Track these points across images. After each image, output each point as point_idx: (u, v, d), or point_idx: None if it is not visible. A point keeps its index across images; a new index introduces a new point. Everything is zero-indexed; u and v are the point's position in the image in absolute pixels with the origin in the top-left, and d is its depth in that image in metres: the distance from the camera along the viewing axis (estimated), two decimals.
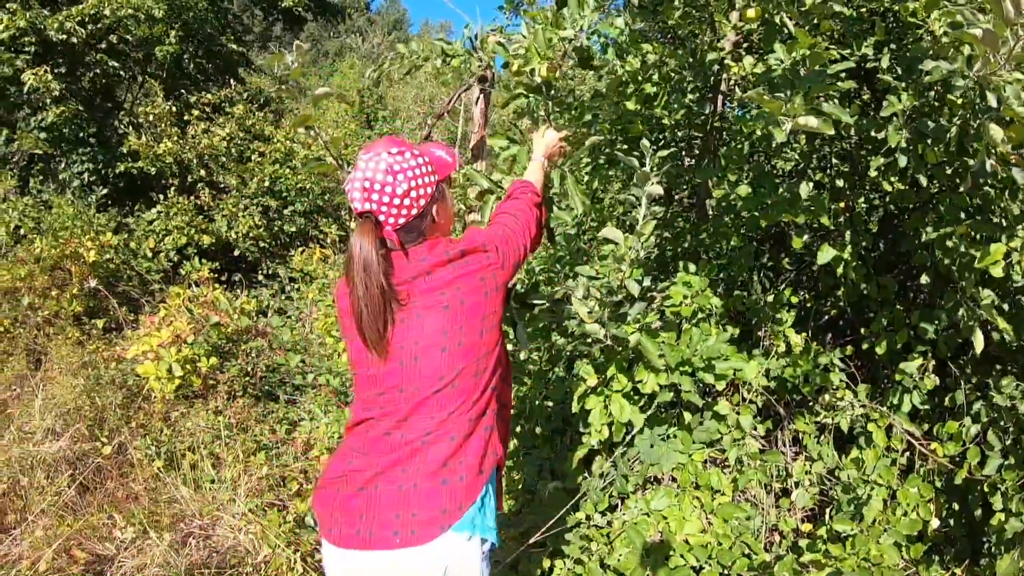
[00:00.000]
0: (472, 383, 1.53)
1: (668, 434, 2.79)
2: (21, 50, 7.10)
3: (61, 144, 7.39)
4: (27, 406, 3.67)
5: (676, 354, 2.68)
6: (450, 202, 1.68)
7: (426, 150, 1.63)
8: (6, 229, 5.81)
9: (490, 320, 1.58)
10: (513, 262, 1.68)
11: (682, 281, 3.07)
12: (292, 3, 9.72)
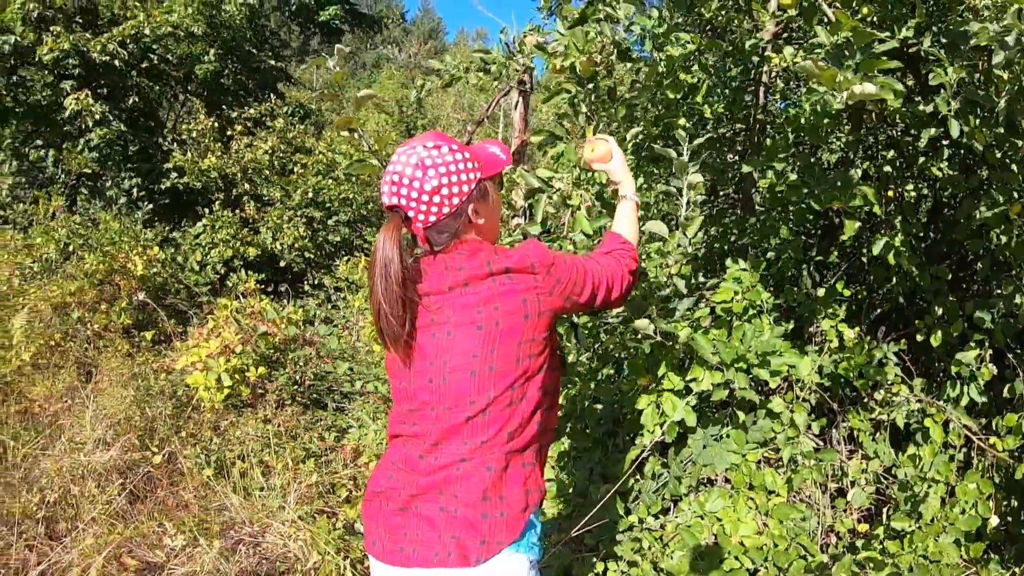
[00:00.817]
0: (506, 413, 1.44)
1: (721, 434, 2.76)
2: (65, 72, 7.38)
3: (107, 163, 7.65)
4: (78, 417, 3.79)
5: (730, 350, 2.64)
6: (495, 203, 1.57)
7: (474, 146, 1.57)
8: (55, 246, 6.03)
9: (529, 347, 1.45)
10: (566, 294, 1.53)
11: (732, 276, 3.04)
12: (328, 16, 9.91)
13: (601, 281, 1.62)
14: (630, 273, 1.73)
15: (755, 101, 3.17)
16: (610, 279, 1.66)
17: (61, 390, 4.11)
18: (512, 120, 4.26)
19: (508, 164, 1.59)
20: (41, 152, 7.59)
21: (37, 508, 2.94)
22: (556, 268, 1.51)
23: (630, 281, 1.73)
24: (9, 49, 7.11)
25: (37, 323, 4.79)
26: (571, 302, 1.55)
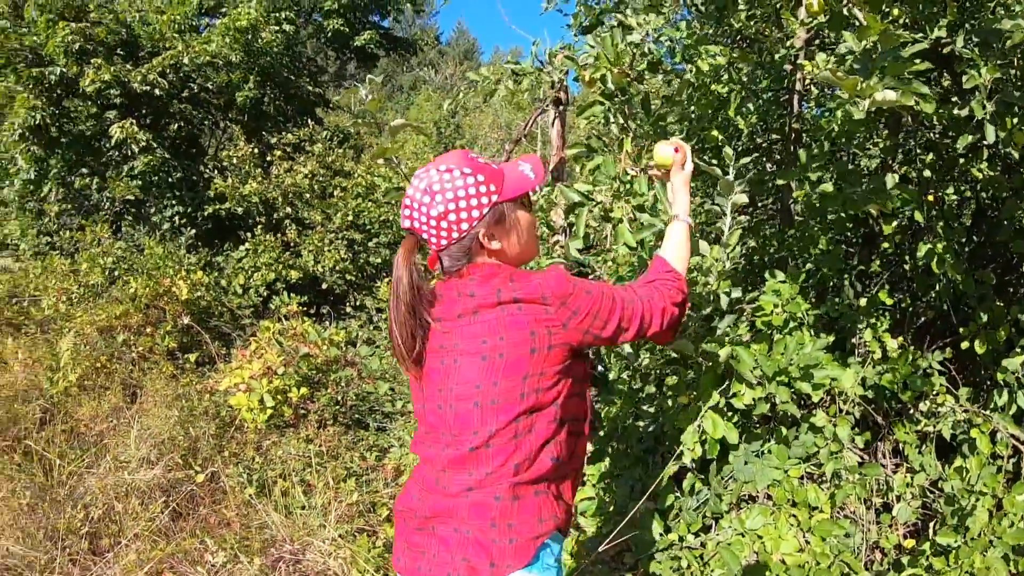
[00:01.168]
0: (511, 445, 1.41)
1: (763, 450, 2.72)
2: (108, 102, 7.67)
3: (151, 190, 7.90)
4: (123, 437, 3.90)
5: (772, 364, 2.61)
6: (519, 225, 1.52)
7: (494, 167, 1.51)
8: (101, 271, 6.23)
9: (536, 381, 1.41)
10: (585, 328, 1.45)
11: (771, 289, 3.01)
12: (363, 41, 10.13)
13: (634, 315, 1.53)
14: (674, 305, 1.61)
15: (789, 110, 3.15)
16: (647, 312, 1.55)
17: (107, 410, 4.24)
18: (550, 138, 4.29)
19: (537, 183, 1.53)
20: (87, 180, 7.86)
21: (81, 524, 3.03)
22: (573, 299, 1.44)
23: (674, 315, 1.60)
24: (55, 80, 7.41)
25: (84, 346, 4.95)
26: (591, 336, 1.47)
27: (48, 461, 3.41)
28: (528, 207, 1.56)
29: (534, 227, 1.58)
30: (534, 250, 1.59)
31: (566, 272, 1.48)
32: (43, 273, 6.19)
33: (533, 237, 1.57)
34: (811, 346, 2.66)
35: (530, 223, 1.56)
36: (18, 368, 4.48)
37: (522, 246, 1.54)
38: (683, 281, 1.67)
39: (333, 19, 9.82)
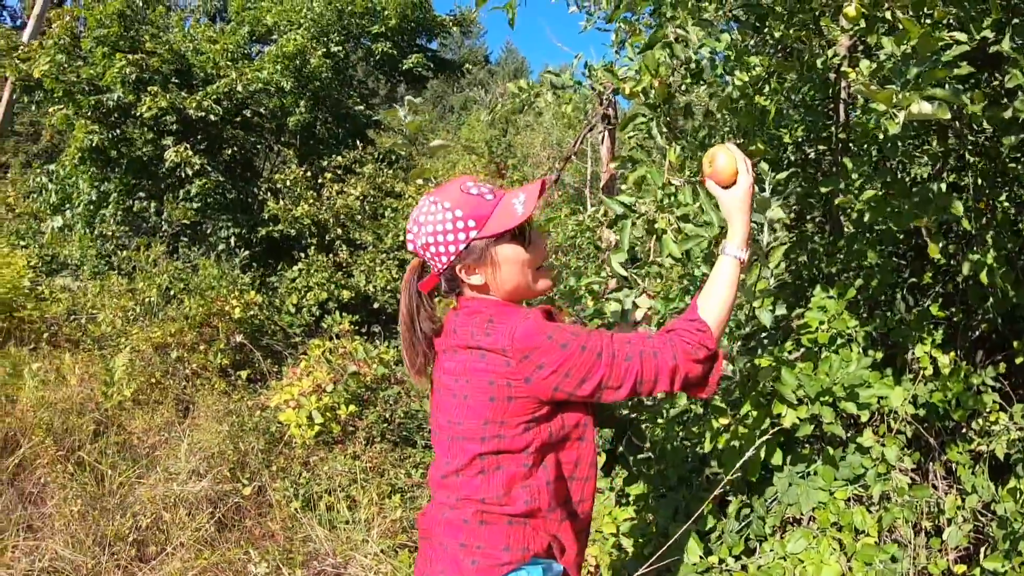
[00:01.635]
0: (477, 479, 1.45)
1: (809, 471, 2.66)
2: (164, 128, 8.02)
3: (206, 212, 8.19)
4: (173, 449, 4.03)
5: (815, 384, 2.56)
6: (503, 261, 1.48)
7: (485, 199, 1.47)
8: (157, 290, 6.48)
9: (496, 428, 1.42)
10: (555, 384, 1.39)
11: (817, 305, 2.96)
12: (411, 64, 10.36)
13: (626, 372, 1.42)
14: (695, 362, 1.45)
15: (835, 119, 3.10)
16: (648, 370, 1.43)
17: (159, 424, 4.39)
18: (600, 155, 4.30)
19: (523, 219, 1.46)
20: (144, 203, 8.20)
21: (129, 532, 3.17)
22: (538, 354, 1.38)
23: (692, 373, 1.46)
24: (113, 105, 7.79)
25: (138, 362, 5.13)
26: (564, 393, 1.41)
27: (100, 471, 3.56)
28: (522, 241, 1.49)
29: (528, 263, 1.50)
30: (528, 286, 1.52)
31: (542, 321, 1.42)
32: (101, 292, 6.46)
33: (525, 273, 1.50)
34: (856, 364, 2.61)
35: (520, 259, 1.49)
36: (75, 382, 4.68)
37: (510, 282, 1.50)
38: (709, 334, 1.48)
39: (381, 43, 10.08)
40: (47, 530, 3.09)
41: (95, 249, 7.89)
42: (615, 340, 1.44)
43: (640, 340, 1.46)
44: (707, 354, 1.47)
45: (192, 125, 8.18)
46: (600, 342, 1.42)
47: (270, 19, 9.55)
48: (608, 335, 1.45)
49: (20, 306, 5.94)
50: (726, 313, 1.52)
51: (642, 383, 1.43)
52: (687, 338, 1.46)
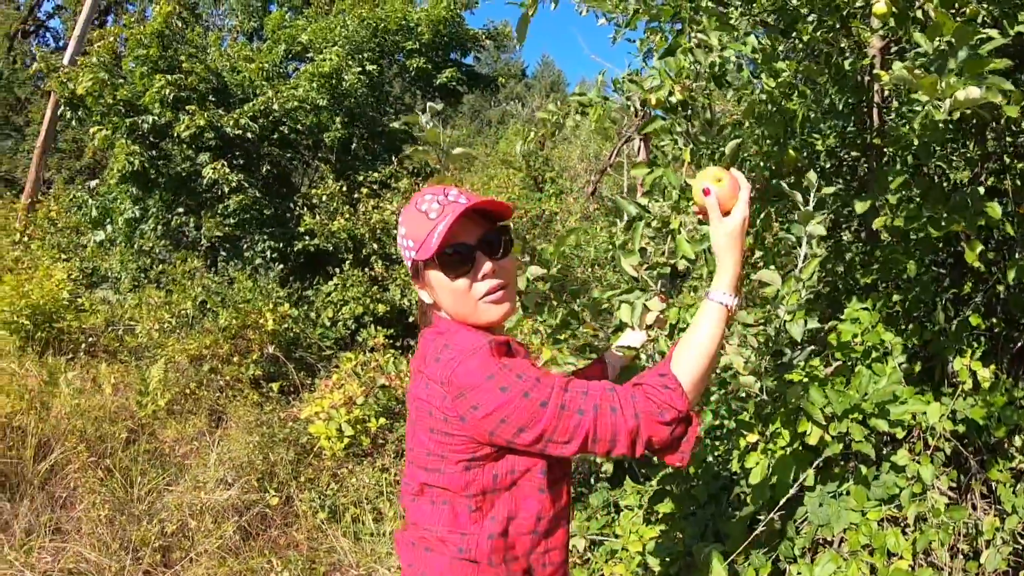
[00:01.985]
0: (428, 509, 1.39)
1: (841, 491, 2.57)
2: (203, 146, 8.22)
3: (243, 227, 8.34)
4: (203, 458, 4.10)
5: (844, 400, 2.48)
6: (439, 287, 1.40)
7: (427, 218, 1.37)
8: (192, 303, 6.61)
9: (436, 461, 1.35)
10: (490, 429, 1.28)
11: (850, 317, 2.88)
12: (445, 79, 10.46)
13: (577, 428, 1.27)
14: (661, 424, 1.28)
15: (869, 124, 3.02)
16: (602, 429, 1.27)
17: (192, 433, 4.46)
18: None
19: (430, 255, 1.34)
20: (183, 218, 8.39)
21: (155, 537, 3.21)
22: (475, 394, 1.26)
23: (654, 437, 1.29)
24: (148, 127, 8.01)
25: (173, 373, 5.23)
26: (503, 440, 1.29)
27: (130, 478, 3.61)
28: (446, 271, 1.38)
29: (460, 292, 1.38)
30: (469, 313, 1.40)
31: (487, 358, 1.29)
32: (139, 304, 6.61)
33: (459, 300, 1.39)
34: (887, 379, 2.52)
35: (448, 289, 1.39)
36: (110, 391, 4.79)
37: (449, 307, 1.41)
38: (679, 392, 1.29)
39: (415, 59, 10.19)
40: (74, 533, 3.17)
41: (134, 263, 8.10)
42: (570, 390, 1.29)
43: (599, 392, 1.29)
44: (675, 416, 1.28)
45: (230, 142, 8.37)
46: (548, 390, 1.27)
47: (305, 38, 9.75)
48: (563, 383, 1.30)
49: (59, 317, 6.11)
50: (704, 369, 1.33)
51: (595, 441, 1.27)
52: (653, 396, 1.29)
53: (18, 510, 3.24)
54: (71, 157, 17.97)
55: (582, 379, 1.36)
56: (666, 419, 1.28)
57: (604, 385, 1.32)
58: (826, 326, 2.90)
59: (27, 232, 9.76)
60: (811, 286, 2.31)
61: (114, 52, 8.52)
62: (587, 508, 3.62)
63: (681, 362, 1.33)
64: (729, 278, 1.39)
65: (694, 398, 1.32)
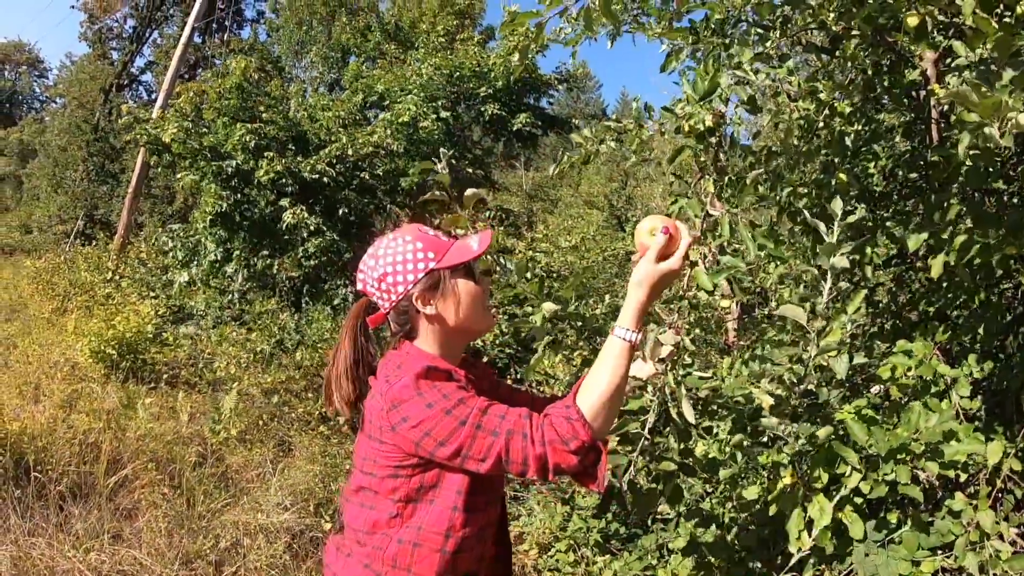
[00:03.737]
0: (357, 511, 1.51)
1: (891, 538, 2.39)
2: (283, 191, 8.65)
3: (323, 269, 8.68)
4: (265, 483, 4.23)
5: (891, 439, 2.33)
6: (458, 293, 1.54)
7: (441, 239, 1.56)
8: (269, 341, 6.93)
9: (370, 465, 1.48)
10: (416, 440, 1.40)
11: (902, 350, 2.72)
12: (520, 123, 10.68)
13: (490, 448, 1.37)
14: (568, 452, 1.35)
15: (928, 143, 2.88)
16: (515, 451, 1.36)
17: (258, 461, 4.62)
18: (713, 201, 4.21)
19: (479, 254, 1.55)
20: (267, 261, 8.83)
21: (210, 551, 3.37)
22: (405, 407, 1.40)
23: (563, 464, 1.36)
24: (232, 171, 8.52)
25: (247, 404, 5.46)
26: (426, 451, 1.40)
27: (193, 497, 3.81)
28: (474, 277, 1.57)
29: (479, 297, 1.57)
30: (478, 320, 1.60)
31: (420, 378, 1.42)
32: (220, 340, 6.96)
33: (476, 307, 1.57)
34: (939, 416, 2.35)
35: (473, 293, 1.56)
36: (185, 418, 5.04)
37: (463, 315, 1.55)
38: (581, 423, 1.36)
39: (490, 104, 10.47)
40: (134, 541, 3.36)
41: (217, 302, 8.56)
42: (489, 413, 1.39)
43: (513, 418, 1.38)
44: (580, 445, 1.35)
45: (308, 187, 8.78)
46: (468, 411, 1.38)
47: (381, 87, 10.19)
48: (483, 406, 1.39)
49: (144, 349, 6.54)
50: (607, 400, 1.38)
51: (508, 462, 1.36)
52: (558, 426, 1.36)
53: (84, 516, 3.48)
54: (163, 202, 19.35)
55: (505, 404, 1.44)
56: (571, 448, 1.35)
57: (522, 412, 1.40)
58: (875, 361, 2.76)
59: (118, 271, 10.52)
60: (857, 320, 2.21)
61: (198, 104, 9.15)
62: (638, 549, 3.53)
63: (584, 395, 1.40)
64: (634, 313, 1.44)
65: (599, 428, 1.38)
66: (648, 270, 1.44)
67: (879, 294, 3.45)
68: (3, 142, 36.72)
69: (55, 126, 27.21)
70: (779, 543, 2.85)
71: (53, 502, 3.56)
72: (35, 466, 3.74)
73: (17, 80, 46.52)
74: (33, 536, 3.29)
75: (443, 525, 1.44)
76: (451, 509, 1.45)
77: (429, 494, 1.46)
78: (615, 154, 3.11)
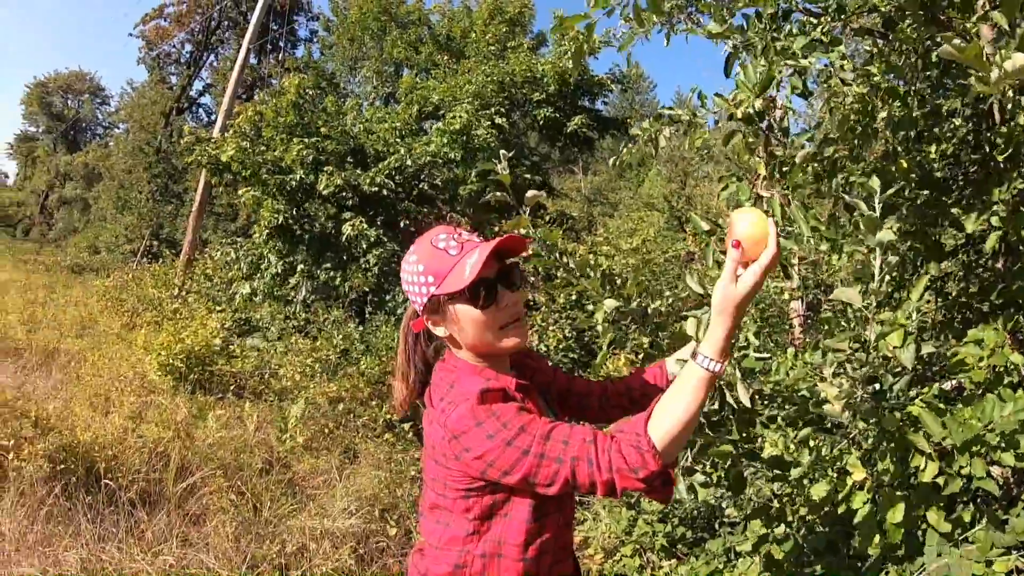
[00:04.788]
0: (433, 526, 1.56)
1: (965, 536, 2.36)
2: (343, 204, 8.90)
3: (385, 279, 8.88)
4: (331, 489, 4.39)
5: (964, 430, 2.30)
6: (462, 319, 1.52)
7: (447, 255, 1.53)
8: (334, 350, 7.15)
9: (440, 486, 1.52)
10: (481, 469, 1.42)
11: (973, 339, 2.68)
12: (575, 126, 10.75)
13: (556, 475, 1.38)
14: (635, 480, 1.35)
15: (991, 124, 2.82)
16: (585, 476, 1.36)
17: (325, 467, 4.79)
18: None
19: (469, 282, 1.46)
20: (331, 273, 9.09)
21: (275, 556, 3.52)
22: (466, 438, 1.41)
23: (629, 487, 1.37)
24: (295, 185, 8.82)
25: (313, 412, 5.65)
26: (493, 479, 1.43)
27: (260, 503, 3.98)
28: (477, 301, 1.50)
29: (483, 323, 1.52)
30: (490, 343, 1.54)
31: (475, 406, 1.42)
32: (286, 351, 7.22)
33: (482, 332, 1.52)
34: (1011, 406, 2.30)
35: (473, 319, 1.51)
36: (252, 427, 5.26)
37: (471, 339, 1.54)
38: (651, 455, 1.34)
39: (543, 109, 10.56)
40: (202, 545, 3.53)
41: (282, 313, 8.85)
42: (552, 438, 1.38)
43: (577, 443, 1.38)
44: (648, 475, 1.34)
45: (368, 200, 9.02)
46: (530, 439, 1.38)
47: (436, 97, 10.39)
48: (545, 432, 1.39)
49: (212, 362, 6.84)
50: (680, 431, 1.36)
51: (577, 487, 1.38)
52: (626, 454, 1.35)
53: (153, 522, 3.69)
54: (226, 219, 20.06)
55: (566, 425, 1.44)
56: (639, 476, 1.34)
57: (586, 435, 1.39)
58: (945, 351, 2.72)
59: (185, 286, 10.97)
60: (920, 306, 2.19)
61: (254, 123, 9.51)
62: (705, 553, 3.54)
63: (657, 425, 1.37)
64: (719, 340, 1.38)
65: (668, 457, 1.36)
66: (728, 294, 1.38)
67: (950, 286, 3.39)
68: (69, 167, 38.65)
69: (119, 150, 28.58)
70: (850, 544, 2.83)
71: (123, 508, 3.74)
72: (106, 474, 3.96)
73: (80, 108, 48.88)
74: (103, 541, 3.48)
75: (521, 537, 1.49)
76: (526, 521, 1.49)
77: (503, 509, 1.50)
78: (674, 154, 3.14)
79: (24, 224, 43.73)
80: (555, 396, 1.84)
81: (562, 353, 7.91)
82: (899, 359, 2.16)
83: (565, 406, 1.87)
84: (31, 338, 7.73)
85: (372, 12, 13.84)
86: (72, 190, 37.42)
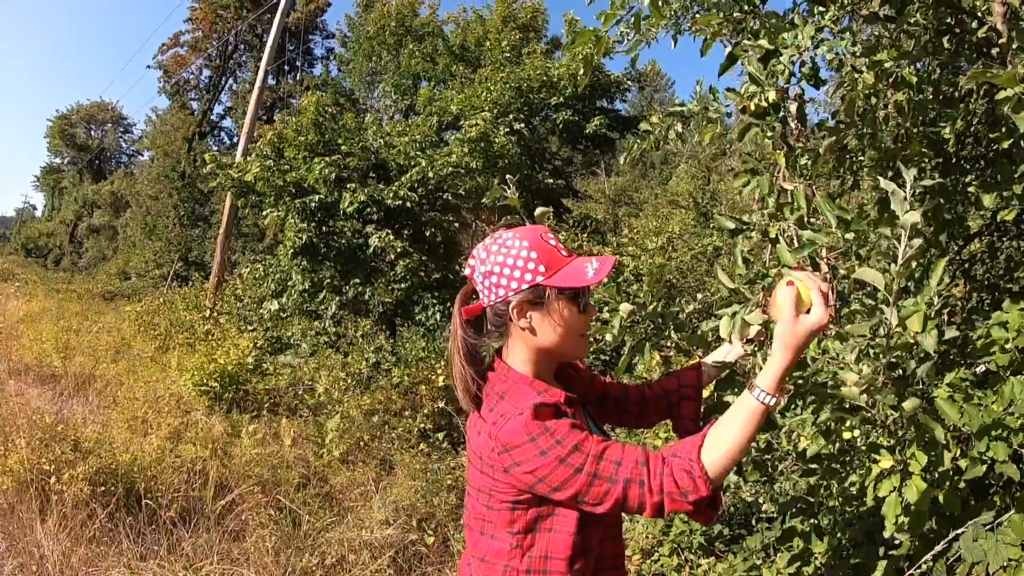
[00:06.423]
0: (478, 538, 1.58)
1: (999, 522, 2.38)
2: (368, 219, 9.07)
3: (414, 291, 9.02)
4: (368, 501, 4.50)
5: (983, 415, 2.33)
6: (556, 316, 1.55)
7: (560, 254, 1.56)
8: (366, 363, 7.28)
9: (485, 498, 1.54)
10: (530, 484, 1.45)
11: (998, 321, 2.70)
12: (593, 128, 10.81)
13: (606, 495, 1.42)
14: (685, 503, 1.40)
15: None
16: (635, 498, 1.41)
17: (361, 479, 4.91)
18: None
19: (589, 284, 1.52)
20: (358, 288, 9.26)
21: (315, 568, 3.62)
22: (518, 452, 1.44)
23: (679, 510, 1.42)
24: (316, 205, 9.00)
25: (349, 426, 5.78)
26: (542, 493, 1.46)
27: (299, 517, 4.10)
28: (579, 304, 1.57)
29: (577, 327, 1.58)
30: (571, 348, 1.60)
31: (530, 421, 1.45)
32: (318, 367, 7.37)
33: (572, 335, 1.57)
34: None
35: (573, 320, 1.56)
36: (288, 443, 5.40)
37: (556, 339, 1.57)
38: (703, 481, 1.39)
39: (562, 112, 10.64)
40: (242, 560, 3.65)
41: (313, 330, 9.03)
42: (605, 459, 1.43)
43: (630, 466, 1.42)
44: (698, 499, 1.39)
45: (392, 213, 9.17)
46: (583, 458, 1.42)
47: (454, 107, 10.53)
48: (598, 451, 1.43)
49: (245, 380, 7.02)
50: (732, 459, 1.42)
51: (626, 508, 1.42)
52: (679, 479, 1.40)
53: (194, 539, 3.80)
54: (254, 240, 20.41)
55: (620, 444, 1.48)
56: (689, 500, 1.40)
57: (638, 457, 1.43)
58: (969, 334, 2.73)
59: (216, 308, 11.23)
60: (939, 290, 2.21)
61: (277, 144, 9.72)
62: (743, 550, 3.57)
63: (710, 451, 1.42)
64: (775, 374, 1.44)
65: (717, 482, 1.42)
66: (792, 331, 1.44)
67: (975, 268, 3.40)
68: (97, 195, 39.51)
69: (144, 177, 29.18)
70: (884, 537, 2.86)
71: (163, 527, 3.85)
72: (145, 494, 4.08)
73: (103, 137, 50.02)
74: (145, 560, 3.59)
75: (567, 551, 1.51)
76: (571, 534, 1.51)
77: (547, 522, 1.51)
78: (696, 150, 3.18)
79: (55, 254, 44.75)
80: (593, 402, 1.86)
81: (593, 356, 7.96)
82: (921, 344, 2.20)
83: (602, 412, 1.90)
84: (67, 364, 7.94)
85: (390, 26, 14.03)
86: (100, 218, 38.24)
